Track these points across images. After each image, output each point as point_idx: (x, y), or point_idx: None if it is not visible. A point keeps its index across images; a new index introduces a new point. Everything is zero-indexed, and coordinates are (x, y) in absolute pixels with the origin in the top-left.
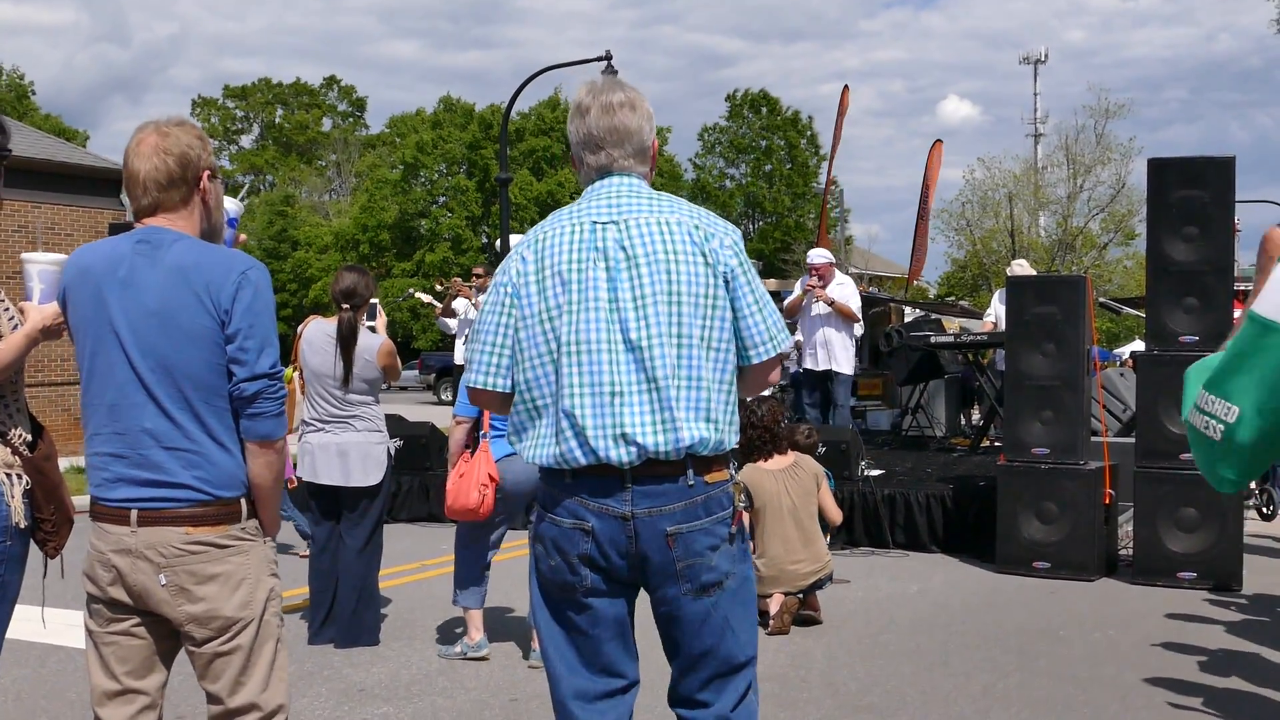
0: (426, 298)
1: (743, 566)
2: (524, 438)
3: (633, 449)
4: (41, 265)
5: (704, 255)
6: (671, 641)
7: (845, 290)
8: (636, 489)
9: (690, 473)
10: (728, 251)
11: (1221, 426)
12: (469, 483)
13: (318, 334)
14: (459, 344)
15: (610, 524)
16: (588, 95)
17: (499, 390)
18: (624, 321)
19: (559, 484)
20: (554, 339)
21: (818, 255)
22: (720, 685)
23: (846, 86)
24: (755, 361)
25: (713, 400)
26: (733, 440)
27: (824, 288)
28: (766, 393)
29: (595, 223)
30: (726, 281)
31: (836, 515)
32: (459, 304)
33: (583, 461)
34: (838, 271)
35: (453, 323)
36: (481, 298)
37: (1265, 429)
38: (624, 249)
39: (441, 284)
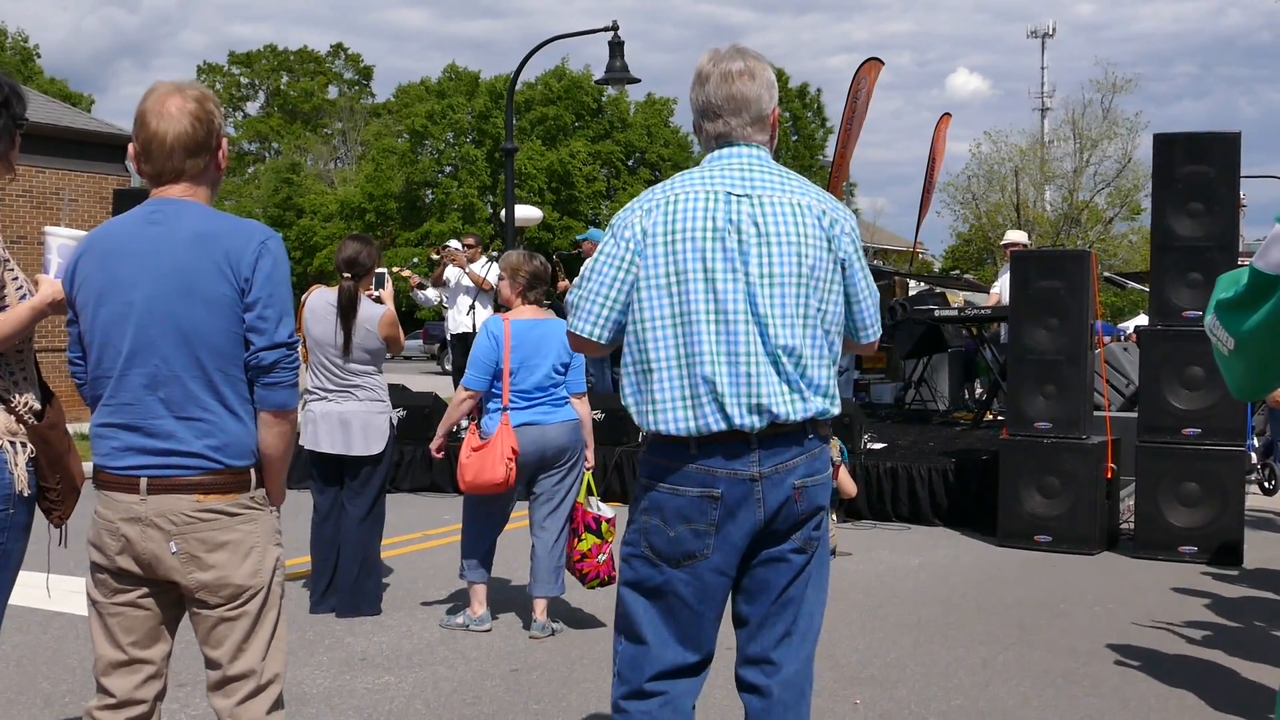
0: (406, 271)
1: (827, 531)
2: (640, 400)
3: (765, 417)
4: (61, 239)
5: (829, 241)
6: (762, 585)
7: None
8: (763, 450)
9: (809, 432)
10: (847, 239)
11: (1224, 350)
12: (494, 457)
13: (320, 303)
14: (450, 313)
15: (738, 487)
16: (709, 63)
17: (602, 342)
18: (751, 295)
19: (680, 453)
20: (679, 304)
21: None
22: (789, 644)
23: (879, 61)
24: (864, 342)
25: (829, 376)
26: (838, 410)
27: None
28: None
29: (730, 194)
30: (843, 267)
31: (851, 489)
32: (451, 272)
33: (714, 429)
34: None
35: (433, 294)
36: (473, 267)
37: (1251, 368)
38: (756, 225)
39: (437, 252)
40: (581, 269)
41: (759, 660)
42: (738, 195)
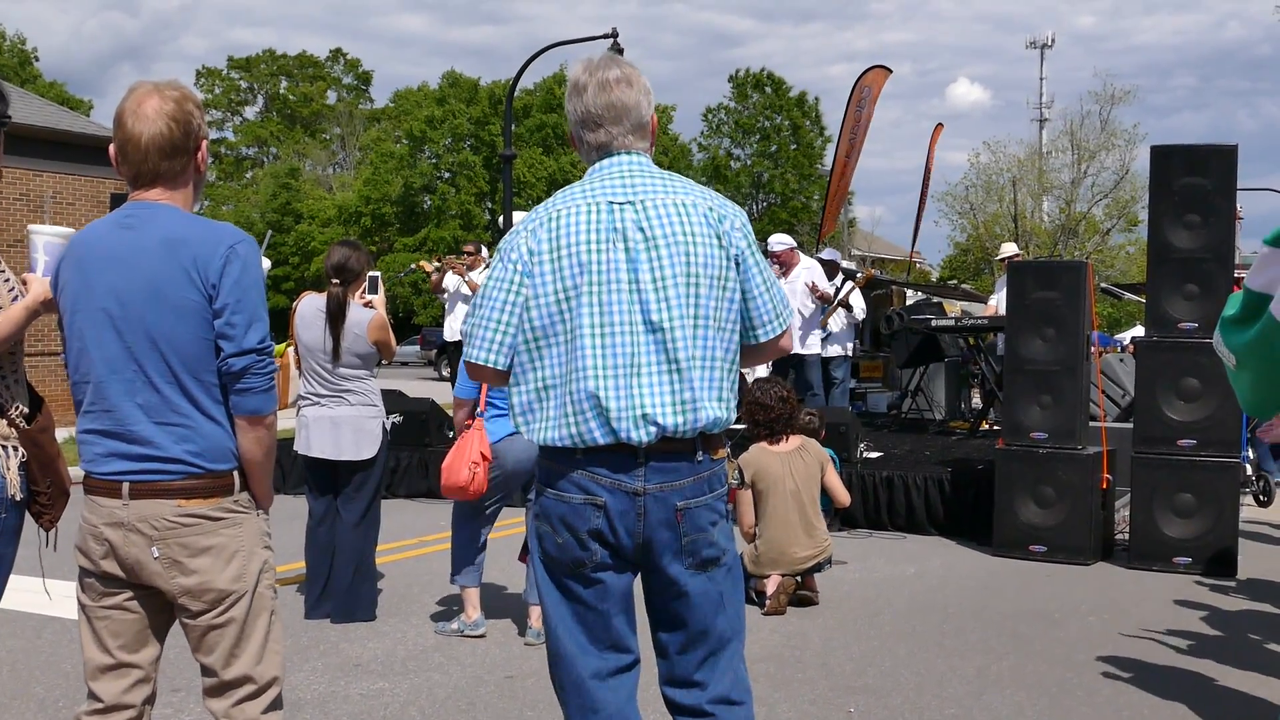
0: (430, 266)
1: (732, 545)
2: (531, 418)
3: (653, 429)
4: (47, 237)
5: (718, 237)
6: (671, 619)
7: (814, 273)
8: (650, 465)
9: (700, 450)
10: (738, 234)
11: (1230, 366)
12: (460, 461)
13: (309, 309)
14: (448, 320)
15: (622, 499)
16: (584, 73)
17: (499, 368)
18: (644, 303)
19: (567, 460)
20: (570, 320)
21: (777, 243)
22: (714, 663)
23: (887, 69)
24: (762, 340)
25: (724, 380)
26: (733, 418)
27: (785, 275)
28: (763, 372)
29: (612, 203)
30: (737, 263)
31: (845, 498)
32: (449, 280)
33: (601, 442)
34: (802, 255)
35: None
36: (473, 274)
37: (1257, 383)
38: (642, 230)
39: (439, 260)
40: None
41: (685, 682)
42: (619, 203)
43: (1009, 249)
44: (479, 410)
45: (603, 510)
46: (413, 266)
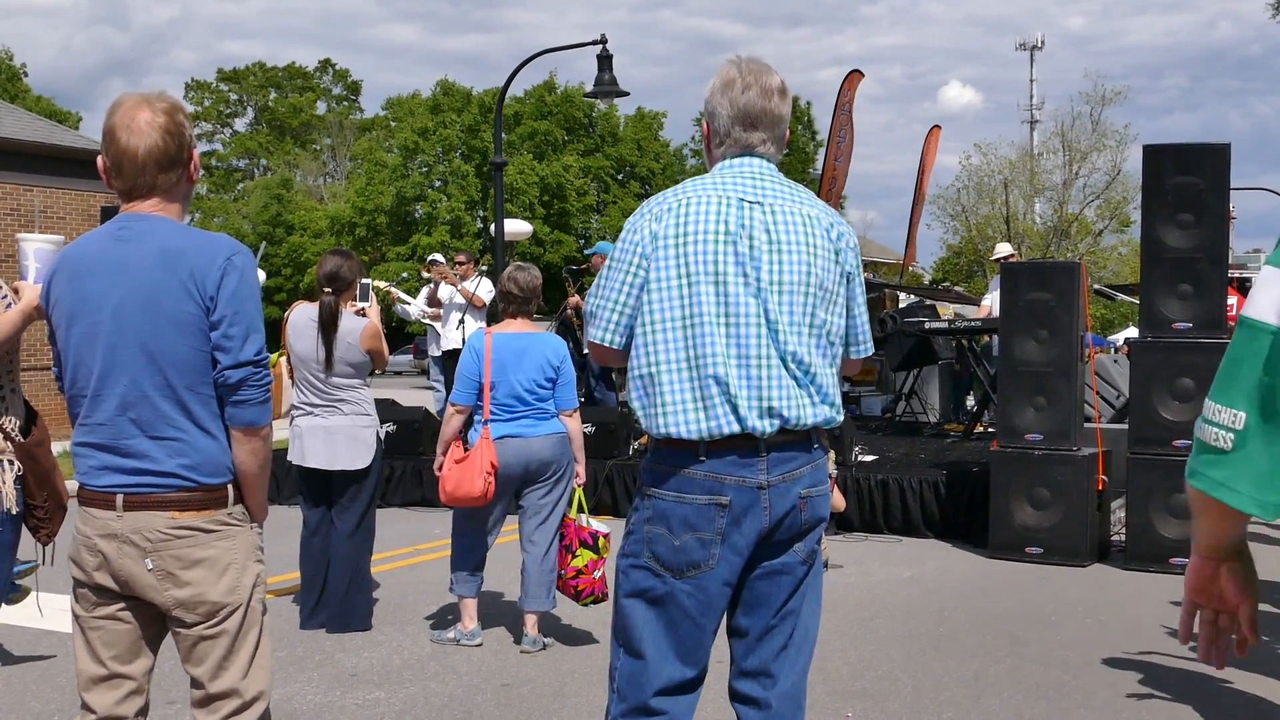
0: (384, 284)
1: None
2: (646, 406)
3: (775, 421)
4: (37, 244)
5: (836, 253)
6: (761, 598)
7: None
8: (771, 456)
9: (815, 440)
10: (852, 253)
11: (1231, 435)
12: (472, 470)
13: (302, 319)
14: (443, 330)
15: (746, 495)
16: (747, 74)
17: (617, 348)
18: (764, 301)
19: (687, 459)
20: (690, 306)
21: None
22: (785, 656)
23: (859, 73)
24: (854, 356)
25: (833, 384)
26: (840, 418)
27: None
28: None
29: (743, 200)
30: (848, 280)
31: (840, 504)
32: (444, 291)
33: (727, 431)
34: None
35: (413, 310)
36: (466, 284)
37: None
38: (769, 232)
39: (428, 270)
40: (596, 277)
41: (757, 673)
42: (750, 201)
43: (1003, 249)
44: (483, 418)
45: (727, 509)
46: (380, 285)
